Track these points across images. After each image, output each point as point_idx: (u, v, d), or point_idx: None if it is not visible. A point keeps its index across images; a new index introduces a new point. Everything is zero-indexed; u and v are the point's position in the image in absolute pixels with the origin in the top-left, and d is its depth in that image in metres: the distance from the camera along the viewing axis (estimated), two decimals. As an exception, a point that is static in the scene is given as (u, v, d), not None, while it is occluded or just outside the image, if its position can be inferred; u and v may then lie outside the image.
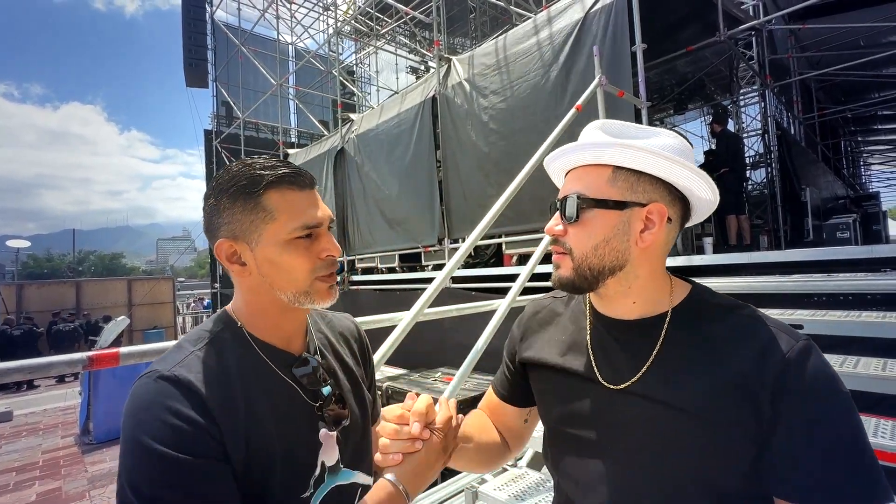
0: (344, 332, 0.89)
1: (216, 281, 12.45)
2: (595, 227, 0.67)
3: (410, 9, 9.66)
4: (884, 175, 20.38)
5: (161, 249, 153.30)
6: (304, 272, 0.69)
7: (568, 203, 0.69)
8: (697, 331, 0.67)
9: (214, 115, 13.40)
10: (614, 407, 0.68)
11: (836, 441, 0.56)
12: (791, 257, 2.83)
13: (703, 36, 5.52)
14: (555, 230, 0.71)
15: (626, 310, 0.71)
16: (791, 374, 0.58)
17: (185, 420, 0.59)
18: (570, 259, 0.69)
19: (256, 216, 0.67)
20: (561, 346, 0.78)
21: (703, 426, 0.61)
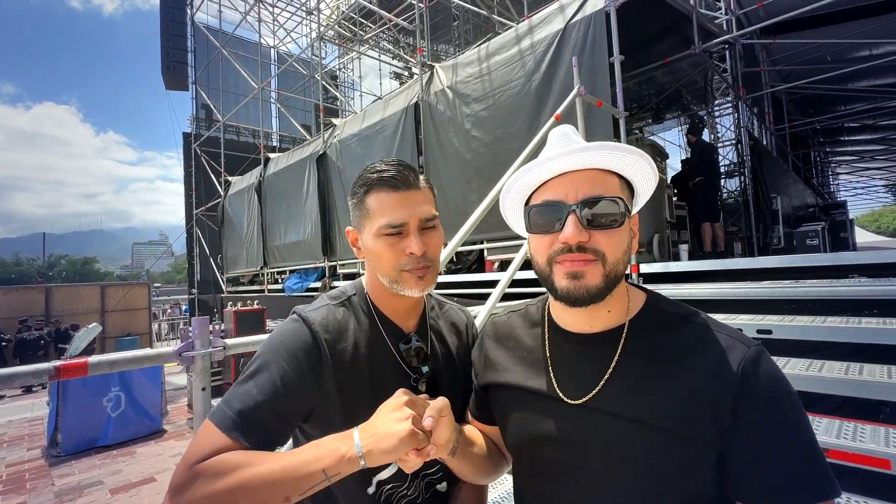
0: (456, 324, 0.98)
1: (194, 286, 12.19)
2: (623, 234, 0.65)
3: (394, 15, 9.69)
4: (850, 184, 21.22)
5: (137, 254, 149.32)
6: (390, 264, 0.80)
7: (605, 205, 0.63)
8: (654, 342, 0.66)
9: (194, 118, 13.17)
10: (577, 424, 0.66)
11: (792, 442, 0.58)
12: (762, 264, 2.92)
13: (679, 48, 5.69)
14: (584, 241, 0.63)
15: (590, 322, 0.70)
16: (748, 382, 0.59)
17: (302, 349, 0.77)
18: (600, 266, 0.63)
19: (362, 212, 0.83)
20: (520, 365, 0.75)
21: (666, 439, 0.60)
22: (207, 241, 11.77)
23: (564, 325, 0.73)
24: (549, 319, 0.76)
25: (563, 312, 0.73)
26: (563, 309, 0.71)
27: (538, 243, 0.68)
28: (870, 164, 16.36)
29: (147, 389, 5.90)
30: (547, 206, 0.66)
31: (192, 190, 12.14)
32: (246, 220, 9.78)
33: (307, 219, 7.62)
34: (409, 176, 0.82)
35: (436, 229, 0.85)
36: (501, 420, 0.78)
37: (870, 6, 6.70)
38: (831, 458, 1.44)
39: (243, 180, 10.39)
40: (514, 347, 0.78)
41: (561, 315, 0.74)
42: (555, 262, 0.65)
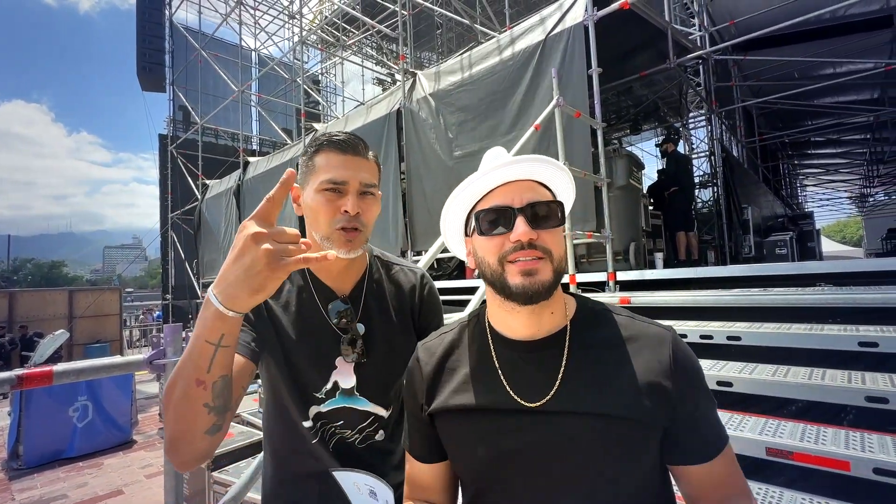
0: (402, 285, 1.03)
1: (168, 292, 11.87)
2: (561, 234, 0.73)
3: (377, 22, 9.72)
4: (817, 196, 22.09)
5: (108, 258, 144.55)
6: (326, 219, 0.86)
7: (549, 207, 0.71)
8: (594, 338, 0.72)
9: (170, 120, 12.89)
10: (540, 429, 0.67)
11: (711, 404, 0.70)
12: (733, 272, 3.01)
13: (655, 62, 5.86)
14: (530, 234, 0.67)
15: (537, 325, 0.72)
16: (678, 362, 0.68)
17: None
18: (549, 262, 0.68)
19: (308, 169, 0.89)
20: (469, 383, 0.74)
21: (624, 427, 0.65)
22: (183, 246, 11.48)
23: (508, 333, 0.74)
24: (490, 330, 0.76)
25: (507, 320, 0.74)
26: (508, 315, 0.73)
27: (488, 245, 0.70)
28: (834, 176, 17.08)
29: (116, 398, 5.70)
30: (495, 210, 0.70)
31: (167, 193, 11.85)
32: (223, 225, 9.60)
33: (286, 224, 7.50)
34: (359, 145, 0.90)
35: (374, 198, 0.91)
36: (456, 448, 0.75)
37: (832, 27, 7.03)
38: (796, 461, 1.49)
39: (221, 184, 10.20)
40: (457, 368, 0.77)
41: (505, 323, 0.74)
42: (507, 262, 0.68)
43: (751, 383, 1.85)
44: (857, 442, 1.49)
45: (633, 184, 4.20)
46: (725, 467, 0.68)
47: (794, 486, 1.52)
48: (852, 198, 23.07)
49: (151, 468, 4.86)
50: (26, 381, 0.98)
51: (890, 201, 20.32)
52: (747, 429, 1.66)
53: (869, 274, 2.58)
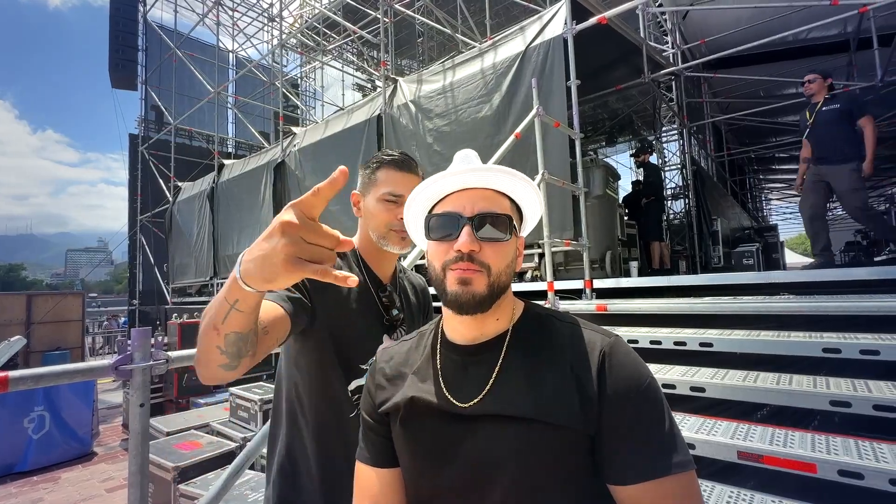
0: (415, 285, 1.27)
1: (135, 297, 11.43)
2: (509, 248, 0.72)
3: (359, 28, 9.71)
4: (781, 209, 23.07)
5: (71, 261, 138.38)
6: (383, 222, 1.07)
7: (498, 221, 0.70)
8: (532, 343, 0.72)
9: (142, 120, 12.51)
10: (469, 429, 0.68)
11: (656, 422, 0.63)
12: (704, 281, 3.10)
13: (631, 77, 6.04)
14: (474, 250, 0.68)
15: (481, 330, 0.73)
16: (609, 364, 0.66)
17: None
18: (485, 276, 0.69)
19: (370, 181, 1.11)
20: (413, 381, 0.77)
21: (545, 431, 0.64)
22: (152, 249, 11.11)
23: (455, 337, 0.76)
24: (441, 335, 0.79)
25: (455, 324, 0.76)
26: (454, 319, 0.75)
27: (435, 250, 0.72)
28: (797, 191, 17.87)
29: (76, 408, 5.42)
30: (446, 216, 0.71)
31: (136, 195, 11.46)
32: (196, 228, 9.33)
33: (262, 228, 7.32)
34: (412, 164, 1.13)
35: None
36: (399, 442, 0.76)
37: (794, 50, 7.40)
38: (765, 464, 1.53)
39: (195, 186, 9.94)
40: (404, 368, 0.80)
41: (453, 328, 0.77)
42: (448, 269, 0.69)
43: (722, 388, 1.90)
44: (823, 445, 1.54)
45: (609, 194, 4.29)
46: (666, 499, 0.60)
47: (765, 490, 1.55)
48: (813, 212, 24.15)
49: (113, 482, 4.63)
50: (-21, 388, 0.92)
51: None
52: (720, 433, 1.70)
53: (830, 283, 2.70)
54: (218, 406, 5.16)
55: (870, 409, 1.54)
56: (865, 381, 1.72)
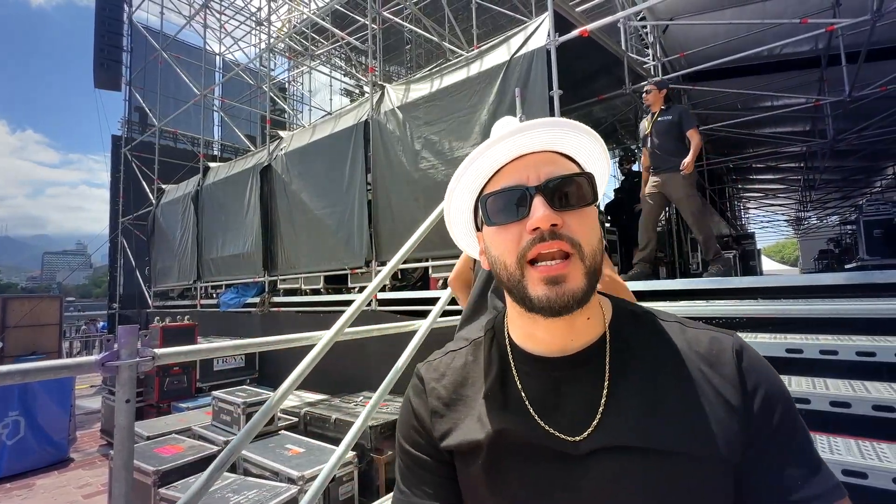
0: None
1: (115, 300, 11.22)
2: (595, 217, 0.56)
3: (347, 34, 9.77)
4: (758, 218, 23.69)
5: (48, 264, 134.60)
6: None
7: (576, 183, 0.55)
8: (640, 350, 0.56)
9: (125, 121, 12.35)
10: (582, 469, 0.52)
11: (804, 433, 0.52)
12: (682, 286, 3.21)
13: (613, 87, 6.22)
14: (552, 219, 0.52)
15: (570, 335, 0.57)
16: (746, 369, 0.53)
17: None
18: (579, 262, 0.52)
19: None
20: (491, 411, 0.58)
21: (692, 462, 0.50)
22: (134, 252, 10.93)
23: (533, 347, 0.59)
24: (511, 347, 0.61)
25: (532, 330, 0.58)
26: (532, 324, 0.57)
27: (502, 238, 0.55)
28: (773, 200, 18.40)
29: (52, 413, 5.32)
30: (507, 191, 0.55)
31: (118, 197, 11.29)
32: (180, 231, 9.23)
33: (248, 231, 7.33)
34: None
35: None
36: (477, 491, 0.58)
37: (769, 64, 7.68)
38: None
39: (179, 189, 9.84)
40: (465, 390, 0.62)
41: (529, 335, 0.59)
42: (526, 264, 0.53)
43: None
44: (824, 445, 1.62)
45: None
46: None
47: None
48: (789, 221, 24.90)
49: (90, 488, 4.55)
50: (-33, 382, 0.94)
51: (821, 224, 22.07)
52: None
53: (799, 288, 2.82)
54: (200, 410, 5.11)
55: (826, 405, 1.64)
56: (824, 379, 1.82)
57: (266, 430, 4.15)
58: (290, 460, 3.48)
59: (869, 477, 1.40)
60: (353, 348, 4.33)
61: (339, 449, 1.67)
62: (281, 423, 4.31)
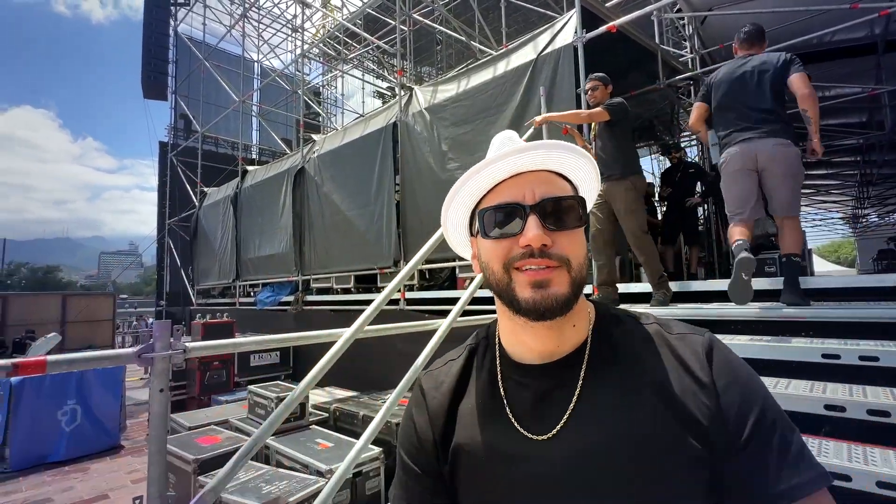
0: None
1: (162, 298, 11.88)
2: (583, 236, 0.61)
3: (378, 38, 9.94)
4: (811, 215, 22.34)
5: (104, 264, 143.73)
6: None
7: (569, 205, 0.59)
8: (618, 350, 0.60)
9: (171, 128, 13.05)
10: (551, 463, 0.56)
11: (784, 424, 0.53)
12: (711, 287, 3.10)
13: (648, 82, 6.03)
14: (546, 244, 0.56)
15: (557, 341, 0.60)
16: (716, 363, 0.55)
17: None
18: (566, 272, 0.56)
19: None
20: (475, 421, 0.62)
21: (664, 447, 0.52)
22: (179, 253, 11.54)
23: (521, 353, 0.63)
24: (500, 353, 0.65)
25: (521, 336, 0.62)
26: (521, 330, 0.61)
27: (493, 249, 0.59)
28: (826, 197, 17.32)
29: (106, 402, 5.70)
30: (504, 207, 0.59)
31: (165, 200, 11.95)
32: (220, 232, 9.67)
33: (282, 232, 7.60)
34: None
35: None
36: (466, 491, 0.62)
37: (820, 53, 7.24)
38: None
39: (219, 192, 10.30)
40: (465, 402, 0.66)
41: (520, 342, 0.63)
42: (513, 269, 0.57)
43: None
44: (814, 447, 1.55)
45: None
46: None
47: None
48: (845, 218, 23.37)
49: (138, 473, 4.85)
50: (21, 369, 1.04)
51: (882, 223, 20.58)
52: None
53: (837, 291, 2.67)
54: (237, 404, 5.34)
55: (864, 413, 1.55)
56: (862, 386, 1.72)
57: (297, 424, 4.30)
58: (320, 454, 3.59)
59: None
60: (383, 347, 4.42)
61: (357, 443, 1.72)
62: (312, 419, 4.45)
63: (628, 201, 3.11)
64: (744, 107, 2.65)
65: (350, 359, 1.67)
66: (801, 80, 2.55)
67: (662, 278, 3.05)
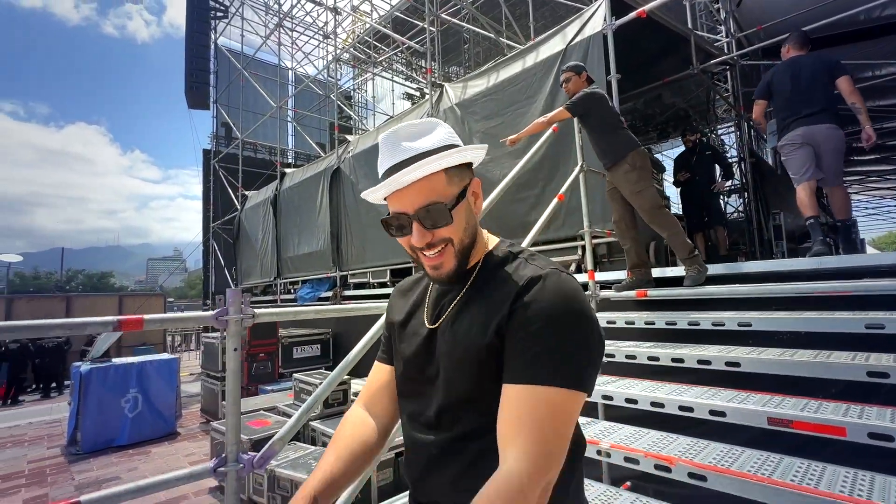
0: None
1: (208, 297, 12.50)
2: (460, 217, 0.80)
3: (407, 38, 10.14)
4: (863, 204, 21.04)
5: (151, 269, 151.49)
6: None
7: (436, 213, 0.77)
8: (490, 276, 0.82)
9: (214, 136, 13.72)
10: (432, 343, 0.85)
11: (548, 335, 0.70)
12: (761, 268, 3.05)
13: (681, 69, 5.92)
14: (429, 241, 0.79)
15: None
16: (529, 286, 0.74)
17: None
18: (451, 249, 0.80)
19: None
20: (410, 307, 0.94)
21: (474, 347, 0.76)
22: (222, 254, 12.12)
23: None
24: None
25: None
26: None
27: (399, 241, 0.84)
28: (880, 184, 16.31)
29: (163, 392, 6.11)
30: (395, 217, 0.80)
31: (209, 204, 12.57)
32: (261, 233, 10.11)
33: (320, 230, 7.89)
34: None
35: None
36: (395, 351, 0.95)
37: (867, 30, 6.89)
38: (795, 429, 1.58)
39: (259, 194, 10.76)
40: (411, 295, 0.97)
41: None
42: (418, 252, 0.81)
43: (758, 363, 1.93)
44: (856, 412, 1.55)
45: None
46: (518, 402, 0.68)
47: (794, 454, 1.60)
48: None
49: (194, 456, 5.18)
50: (124, 325, 1.22)
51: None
52: (751, 402, 1.75)
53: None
54: (282, 392, 5.62)
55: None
56: (908, 353, 1.70)
57: (340, 409, 4.50)
58: (363, 435, 3.76)
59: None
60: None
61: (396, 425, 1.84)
62: (354, 404, 4.64)
63: (631, 183, 3.07)
64: (802, 98, 3.26)
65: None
66: (847, 81, 3.18)
67: (693, 254, 2.95)
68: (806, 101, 3.26)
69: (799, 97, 3.29)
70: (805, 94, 3.27)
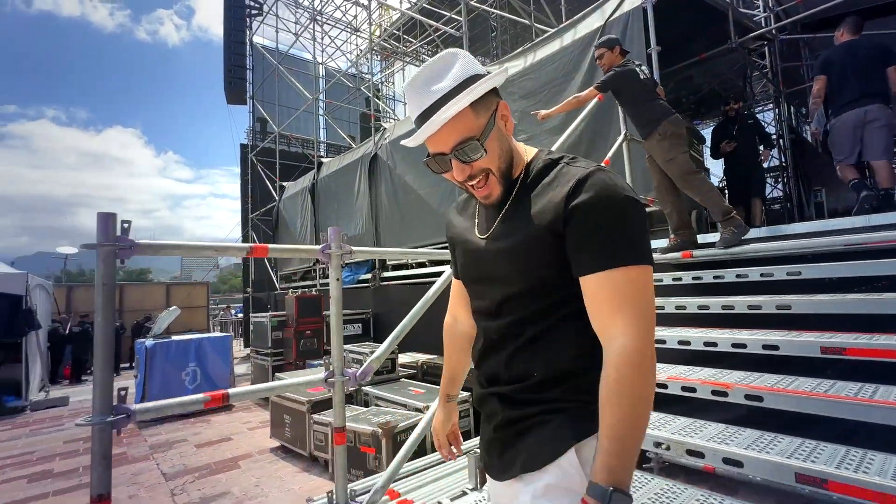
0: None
1: (248, 285, 13.04)
2: (493, 146, 0.86)
3: (432, 29, 10.28)
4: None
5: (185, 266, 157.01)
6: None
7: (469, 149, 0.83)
8: (536, 184, 0.89)
9: (250, 130, 14.22)
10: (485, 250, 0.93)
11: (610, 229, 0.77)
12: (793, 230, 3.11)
13: (717, 46, 5.87)
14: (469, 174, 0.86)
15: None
16: (579, 186, 0.80)
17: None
18: (493, 178, 0.87)
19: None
20: (465, 222, 1.04)
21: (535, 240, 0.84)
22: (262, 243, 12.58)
23: None
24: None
25: None
26: None
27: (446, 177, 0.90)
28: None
29: (218, 367, 6.53)
30: (435, 158, 0.87)
31: (248, 196, 13.08)
32: (299, 221, 10.49)
33: (358, 215, 8.17)
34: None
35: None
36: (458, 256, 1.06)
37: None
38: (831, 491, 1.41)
39: (297, 184, 11.15)
40: (463, 213, 1.08)
41: None
42: (465, 184, 0.88)
43: (809, 304, 2.02)
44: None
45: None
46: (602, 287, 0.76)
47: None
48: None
49: (251, 424, 5.55)
50: (255, 251, 1.44)
51: None
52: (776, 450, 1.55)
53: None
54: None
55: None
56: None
57: (389, 377, 4.74)
58: (415, 397, 3.99)
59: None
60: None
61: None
62: (401, 373, 4.89)
63: (663, 151, 3.20)
64: (859, 79, 3.45)
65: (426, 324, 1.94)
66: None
67: (730, 214, 3.00)
68: (863, 83, 3.43)
69: (856, 79, 3.45)
70: (861, 76, 3.44)
